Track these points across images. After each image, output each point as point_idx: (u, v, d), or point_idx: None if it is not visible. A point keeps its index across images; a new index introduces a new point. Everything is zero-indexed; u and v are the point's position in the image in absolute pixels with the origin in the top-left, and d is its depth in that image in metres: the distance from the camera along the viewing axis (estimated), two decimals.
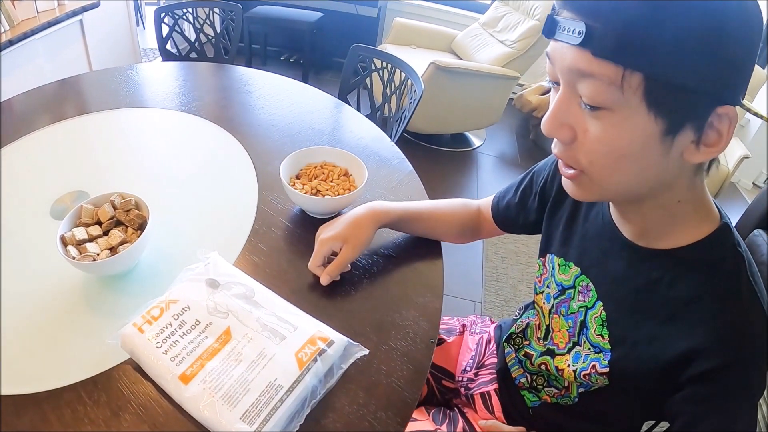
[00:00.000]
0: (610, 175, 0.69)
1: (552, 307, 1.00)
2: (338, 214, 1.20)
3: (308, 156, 1.26)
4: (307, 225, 1.20)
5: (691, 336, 0.73)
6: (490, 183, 3.71)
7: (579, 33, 0.61)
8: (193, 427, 0.79)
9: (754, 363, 0.72)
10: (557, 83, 0.69)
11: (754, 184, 4.52)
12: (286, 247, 1.15)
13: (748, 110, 0.68)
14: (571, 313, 0.94)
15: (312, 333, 0.89)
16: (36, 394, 0.83)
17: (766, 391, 0.77)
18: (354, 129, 1.67)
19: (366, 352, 0.89)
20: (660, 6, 0.57)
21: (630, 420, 0.94)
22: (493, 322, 1.32)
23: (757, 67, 3.81)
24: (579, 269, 0.93)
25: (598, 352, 0.87)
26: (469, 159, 3.99)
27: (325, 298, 1.02)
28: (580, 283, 0.92)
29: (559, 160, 0.75)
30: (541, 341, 1.05)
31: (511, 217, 1.15)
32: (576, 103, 0.67)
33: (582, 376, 0.90)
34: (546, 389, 1.04)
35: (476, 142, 4.19)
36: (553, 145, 0.74)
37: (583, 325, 0.91)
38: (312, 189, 1.18)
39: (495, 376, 1.16)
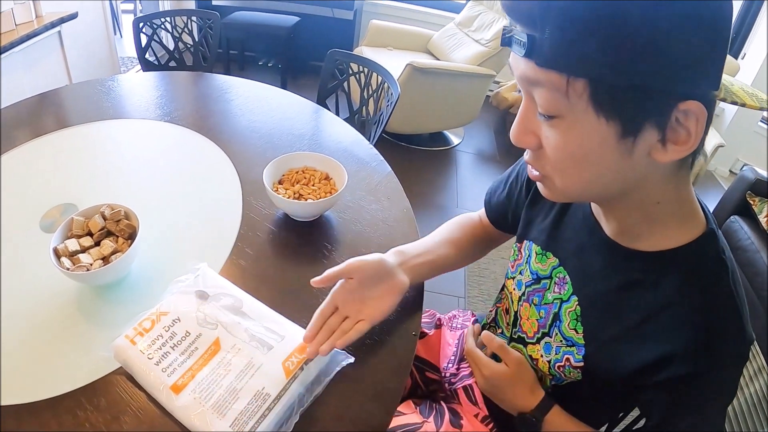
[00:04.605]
0: (572, 180, 0.70)
1: (523, 294, 1.00)
2: (320, 217, 1.25)
3: (290, 161, 1.30)
4: (290, 228, 1.24)
5: (664, 341, 0.74)
6: (470, 180, 3.76)
7: (523, 44, 0.61)
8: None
9: (727, 371, 0.73)
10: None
11: (730, 171, 4.59)
12: (271, 251, 1.18)
13: (723, 100, 0.66)
14: (545, 303, 0.94)
15: (298, 342, 0.92)
16: (36, 403, 0.85)
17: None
18: (333, 133, 1.71)
19: (352, 359, 0.91)
20: (593, 10, 0.56)
21: (601, 411, 0.95)
22: (473, 316, 1.33)
23: (730, 58, 3.89)
24: (557, 260, 0.92)
25: (570, 346, 0.88)
26: (448, 157, 4.03)
27: (310, 297, 1.06)
28: (557, 275, 0.92)
29: (528, 165, 0.76)
30: (510, 327, 1.06)
31: (502, 213, 1.14)
32: (536, 111, 0.67)
33: (556, 368, 0.90)
34: None
35: (455, 140, 4.23)
36: (525, 153, 0.75)
37: (557, 317, 0.91)
38: (294, 193, 1.22)
39: None
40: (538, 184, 0.78)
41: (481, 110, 4.10)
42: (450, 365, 1.22)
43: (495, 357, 1.01)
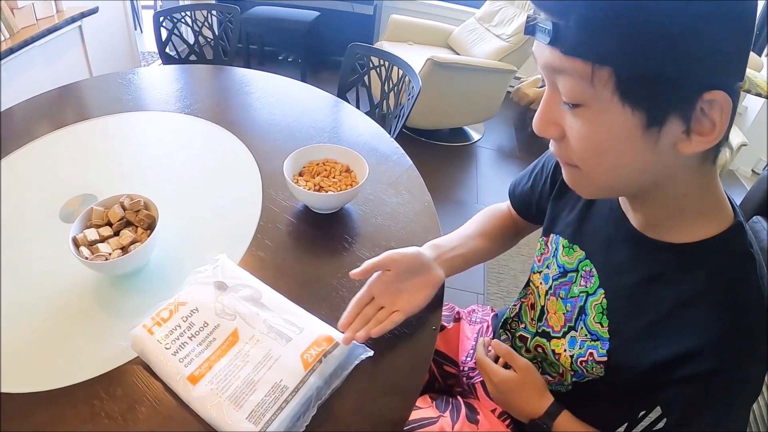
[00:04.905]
0: (599, 172, 0.69)
1: (550, 288, 0.99)
2: (340, 209, 1.23)
3: (310, 153, 1.28)
4: (311, 220, 1.23)
5: (689, 335, 0.72)
6: (490, 176, 3.73)
7: (548, 32, 0.60)
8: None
9: (752, 369, 0.71)
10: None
11: (753, 171, 4.49)
12: (291, 243, 1.17)
13: (748, 92, 0.65)
14: (571, 297, 0.93)
15: (317, 334, 0.91)
16: (51, 392, 0.85)
17: None
18: (353, 126, 1.70)
19: (371, 353, 0.90)
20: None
21: (621, 410, 0.92)
22: (493, 311, 1.33)
23: (754, 55, 3.82)
24: (584, 253, 0.91)
25: (595, 340, 0.86)
26: (468, 153, 4.00)
27: (329, 289, 1.05)
28: (584, 268, 0.90)
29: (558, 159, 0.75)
30: (534, 322, 1.05)
31: (526, 203, 1.13)
32: (559, 101, 0.67)
33: (579, 363, 0.89)
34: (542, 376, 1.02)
35: (475, 136, 4.20)
36: (550, 144, 0.74)
37: (582, 310, 0.90)
38: (315, 185, 1.20)
39: None
40: (568, 180, 0.76)
41: (502, 106, 4.07)
42: (468, 359, 1.22)
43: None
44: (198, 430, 0.81)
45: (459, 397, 1.16)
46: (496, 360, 1.02)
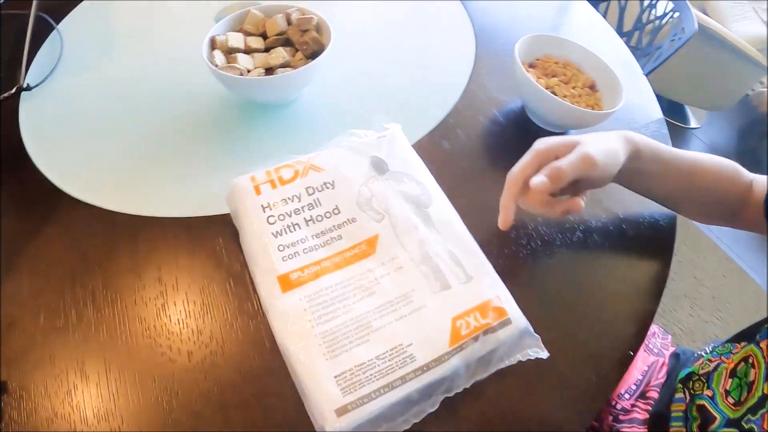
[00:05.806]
0: None
1: None
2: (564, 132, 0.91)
3: (551, 45, 0.96)
4: (527, 129, 0.91)
5: None
6: None
7: None
8: None
9: None
10: None
11: None
12: (489, 145, 0.88)
13: None
14: None
15: (488, 296, 0.60)
16: (116, 213, 0.71)
17: None
18: (598, 40, 1.31)
19: (545, 355, 0.60)
20: None
21: None
22: (673, 347, 1.01)
23: None
24: None
25: None
26: (679, 135, 3.57)
27: (520, 236, 0.74)
28: None
29: None
30: (730, 399, 0.72)
31: None
32: None
33: None
34: None
35: (693, 122, 3.72)
36: None
37: None
38: (548, 87, 0.87)
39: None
40: None
41: (736, 104, 3.55)
42: (627, 396, 0.93)
43: None
44: (259, 351, 0.59)
45: None
46: None
